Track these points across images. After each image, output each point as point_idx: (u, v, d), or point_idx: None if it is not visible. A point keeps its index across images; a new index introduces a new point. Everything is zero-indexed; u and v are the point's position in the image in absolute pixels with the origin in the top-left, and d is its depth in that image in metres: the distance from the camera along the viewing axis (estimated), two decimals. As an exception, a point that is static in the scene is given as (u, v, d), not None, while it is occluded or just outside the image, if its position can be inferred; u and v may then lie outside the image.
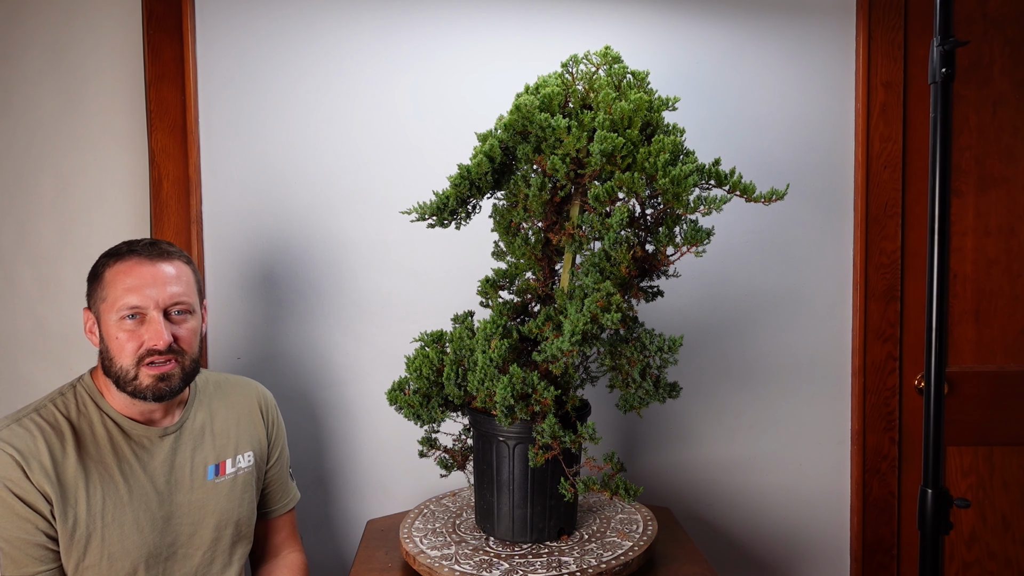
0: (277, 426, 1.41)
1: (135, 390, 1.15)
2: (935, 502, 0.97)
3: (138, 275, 1.15)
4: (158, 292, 1.15)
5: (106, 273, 1.17)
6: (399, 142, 1.65)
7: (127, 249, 1.18)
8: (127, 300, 1.13)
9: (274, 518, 1.42)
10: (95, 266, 1.19)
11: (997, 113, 1.73)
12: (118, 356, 1.14)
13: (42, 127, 1.63)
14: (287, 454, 1.45)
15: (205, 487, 1.26)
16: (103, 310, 1.16)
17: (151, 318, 1.14)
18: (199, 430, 1.28)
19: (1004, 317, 1.76)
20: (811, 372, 1.75)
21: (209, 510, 1.26)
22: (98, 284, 1.17)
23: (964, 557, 1.78)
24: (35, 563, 1.08)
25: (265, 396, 1.41)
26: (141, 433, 1.20)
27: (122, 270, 1.15)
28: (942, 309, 0.96)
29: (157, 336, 1.14)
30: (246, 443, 1.33)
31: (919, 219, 1.73)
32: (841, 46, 1.71)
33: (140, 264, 1.16)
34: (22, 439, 1.10)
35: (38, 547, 1.09)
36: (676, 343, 1.12)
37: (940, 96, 0.96)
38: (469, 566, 1.16)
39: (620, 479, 1.13)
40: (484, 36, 1.65)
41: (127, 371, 1.14)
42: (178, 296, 1.17)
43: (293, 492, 1.45)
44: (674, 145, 1.12)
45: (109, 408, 1.19)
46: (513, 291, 1.33)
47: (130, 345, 1.14)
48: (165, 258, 1.18)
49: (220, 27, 1.61)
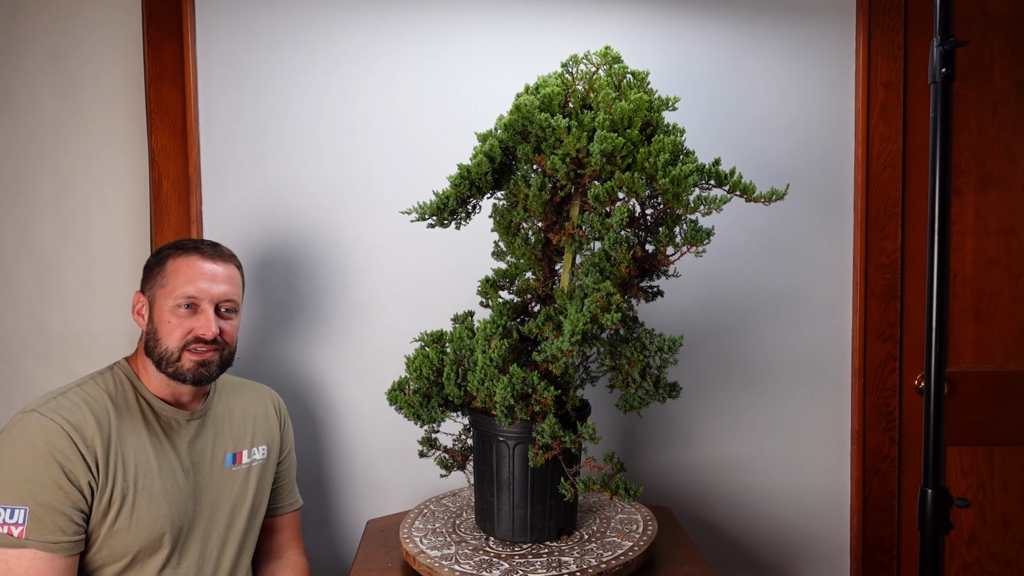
0: (287, 427, 1.50)
1: (176, 371, 1.24)
2: (935, 502, 0.97)
3: (199, 270, 1.26)
4: (214, 288, 1.26)
5: (169, 263, 1.27)
6: (399, 142, 1.65)
7: (192, 246, 1.30)
8: (186, 290, 1.24)
9: (280, 515, 1.48)
10: (158, 255, 1.29)
11: (997, 113, 1.73)
12: (166, 338, 1.24)
13: (42, 127, 1.63)
14: (294, 458, 1.53)
15: (223, 473, 1.34)
16: (160, 295, 1.26)
17: (203, 310, 1.26)
18: (220, 420, 1.37)
19: (1004, 317, 1.76)
20: (811, 372, 1.75)
21: (225, 495, 1.34)
22: (159, 271, 1.27)
23: (964, 557, 1.78)
24: (58, 532, 1.11)
25: (277, 399, 1.50)
26: (171, 415, 1.29)
27: (185, 263, 1.26)
28: (942, 309, 0.96)
29: (207, 327, 1.24)
30: (261, 438, 1.42)
31: (919, 219, 1.73)
32: (841, 46, 1.71)
33: (202, 260, 1.27)
34: (70, 411, 1.17)
35: (65, 517, 1.12)
36: (676, 343, 1.12)
37: (940, 96, 0.96)
38: (469, 566, 1.16)
39: (620, 479, 1.13)
40: (484, 36, 1.65)
41: (172, 352, 1.24)
42: (229, 295, 1.29)
43: (297, 495, 1.53)
44: (674, 145, 1.12)
45: (143, 388, 1.28)
46: (513, 291, 1.33)
47: (179, 331, 1.24)
48: (223, 260, 1.30)
49: (220, 27, 1.61)
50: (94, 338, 1.65)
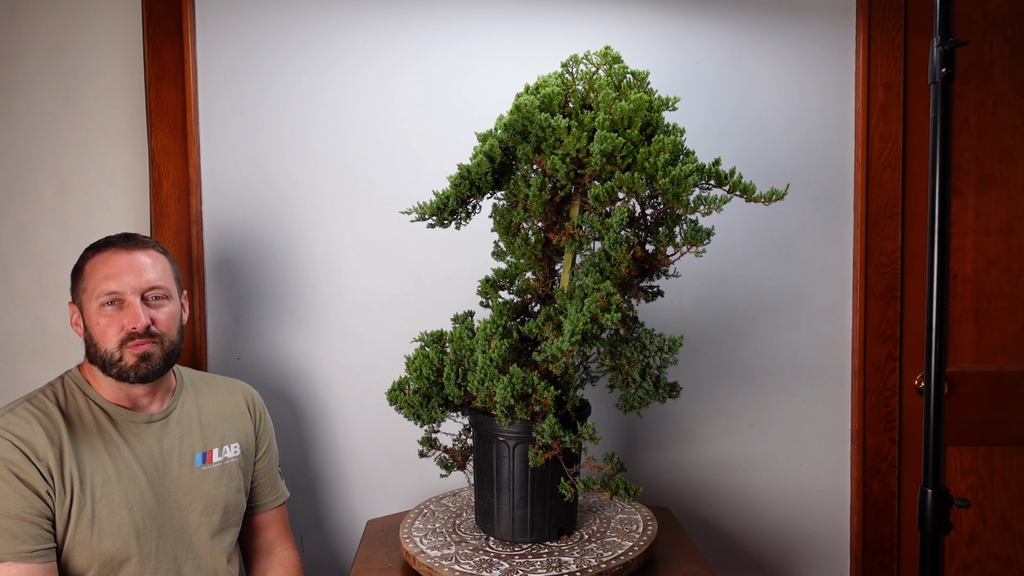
0: (264, 421, 1.46)
1: (120, 372, 1.21)
2: (935, 502, 0.97)
3: (115, 263, 1.22)
4: (134, 278, 1.22)
5: (86, 265, 1.24)
6: (399, 142, 1.65)
7: (104, 242, 1.26)
8: (105, 286, 1.20)
9: (265, 511, 1.46)
10: (77, 261, 1.26)
11: (997, 113, 1.73)
12: (102, 341, 1.21)
13: (42, 127, 1.63)
14: (275, 450, 1.49)
15: (193, 473, 1.31)
16: (85, 300, 1.23)
17: (129, 302, 1.21)
18: (188, 419, 1.34)
19: (1004, 317, 1.76)
20: (811, 372, 1.75)
21: (196, 495, 1.30)
22: (79, 276, 1.25)
23: (964, 557, 1.78)
24: (30, 540, 1.11)
25: (252, 394, 1.46)
26: (127, 419, 1.26)
27: (100, 260, 1.23)
28: (942, 309, 0.96)
29: (135, 318, 1.20)
30: (232, 435, 1.38)
31: (919, 219, 1.73)
32: (841, 46, 1.71)
33: (116, 254, 1.23)
34: (18, 426, 1.16)
35: (35, 526, 1.12)
36: (676, 343, 1.12)
37: (940, 96, 0.96)
38: (469, 566, 1.16)
39: (620, 479, 1.13)
40: (484, 36, 1.65)
41: (111, 353, 1.20)
42: (154, 282, 1.24)
43: (282, 489, 1.49)
44: (674, 145, 1.12)
45: (96, 395, 1.25)
46: (513, 291, 1.33)
47: (111, 330, 1.20)
48: (139, 247, 1.25)
49: (220, 27, 1.61)
50: (94, 338, 1.65)
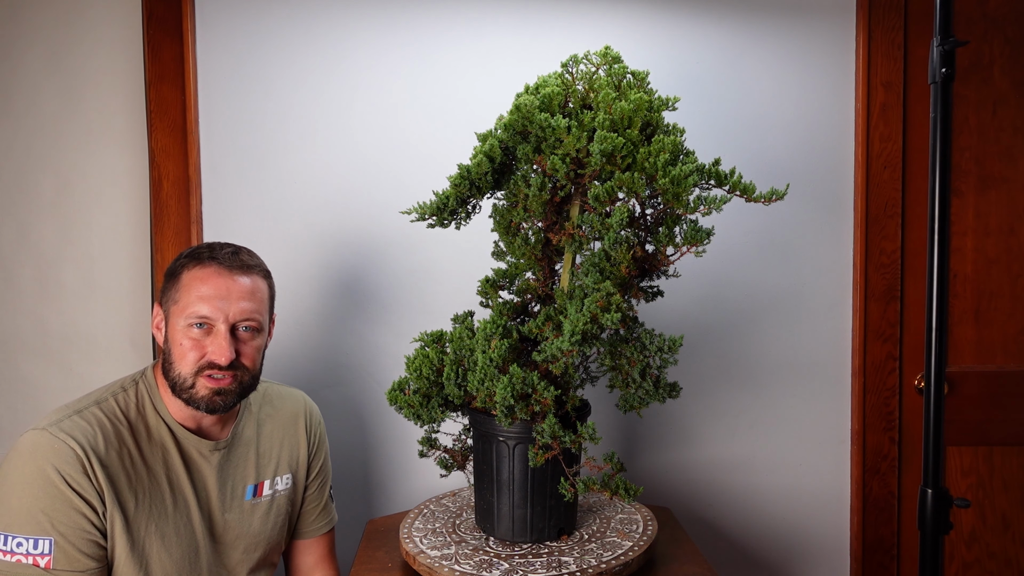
0: (320, 441, 1.38)
1: (190, 399, 1.13)
2: (935, 502, 0.97)
3: (213, 285, 1.13)
4: (229, 306, 1.13)
5: (183, 275, 1.15)
6: (399, 142, 1.65)
7: (208, 255, 1.16)
8: (197, 309, 1.12)
9: (308, 539, 1.38)
10: (174, 264, 1.17)
11: (997, 113, 1.73)
12: (178, 362, 1.13)
13: (42, 127, 1.63)
14: (329, 471, 1.41)
15: (242, 508, 1.24)
16: (173, 312, 1.14)
17: (218, 331, 1.12)
18: (245, 446, 1.26)
19: (1004, 317, 1.76)
20: (811, 372, 1.75)
21: (242, 532, 1.23)
22: (173, 284, 1.15)
23: (964, 557, 1.78)
24: (86, 559, 1.05)
25: (311, 409, 1.38)
26: (194, 445, 1.18)
27: (199, 276, 1.13)
28: (942, 309, 0.96)
29: (220, 352, 1.12)
30: (285, 464, 1.31)
31: (919, 219, 1.73)
32: (841, 46, 1.71)
33: (218, 274, 1.14)
34: (84, 432, 1.08)
35: (91, 543, 1.06)
36: (676, 343, 1.12)
37: (940, 96, 0.96)
38: (469, 566, 1.16)
39: (620, 479, 1.13)
40: (484, 36, 1.65)
41: (184, 379, 1.13)
42: (248, 312, 1.15)
43: (331, 515, 1.41)
44: (674, 145, 1.12)
45: (165, 412, 1.17)
46: (513, 291, 1.33)
47: (192, 354, 1.12)
48: (243, 271, 1.16)
49: (220, 27, 1.61)
50: (94, 338, 1.65)
